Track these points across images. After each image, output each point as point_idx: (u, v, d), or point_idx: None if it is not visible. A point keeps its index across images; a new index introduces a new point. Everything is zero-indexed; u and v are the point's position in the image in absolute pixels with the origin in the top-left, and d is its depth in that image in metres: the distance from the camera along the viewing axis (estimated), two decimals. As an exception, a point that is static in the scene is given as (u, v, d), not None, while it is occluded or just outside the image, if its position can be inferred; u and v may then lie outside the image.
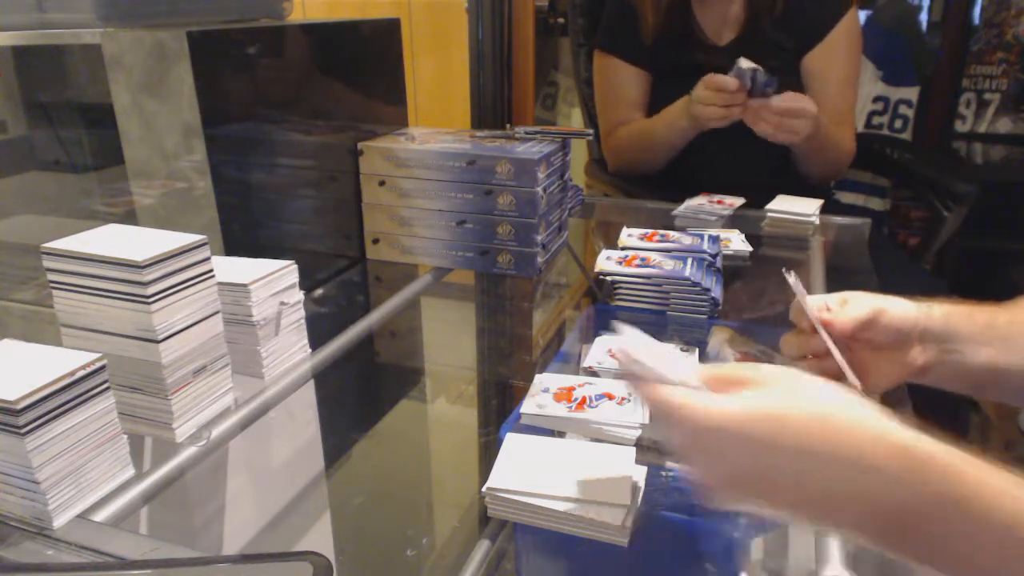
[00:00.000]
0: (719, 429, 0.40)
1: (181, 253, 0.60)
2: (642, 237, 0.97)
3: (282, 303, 0.72)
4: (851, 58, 1.29)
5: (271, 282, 0.71)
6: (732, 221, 1.16)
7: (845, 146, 1.30)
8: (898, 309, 0.58)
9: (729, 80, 1.09)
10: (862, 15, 2.03)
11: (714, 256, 0.91)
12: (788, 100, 1.09)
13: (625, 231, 1.00)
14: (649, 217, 1.24)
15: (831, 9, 1.27)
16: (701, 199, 1.22)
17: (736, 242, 1.05)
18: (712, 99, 1.12)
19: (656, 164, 1.36)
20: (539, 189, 0.95)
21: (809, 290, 0.60)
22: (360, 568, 0.61)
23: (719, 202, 1.21)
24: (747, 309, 0.96)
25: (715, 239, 0.96)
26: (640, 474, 0.54)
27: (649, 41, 1.31)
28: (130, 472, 0.57)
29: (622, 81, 1.37)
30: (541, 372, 0.69)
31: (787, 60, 1.29)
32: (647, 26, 1.31)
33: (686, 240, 0.95)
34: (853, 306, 0.58)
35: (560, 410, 0.62)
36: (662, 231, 0.99)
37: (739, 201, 1.20)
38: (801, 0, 1.26)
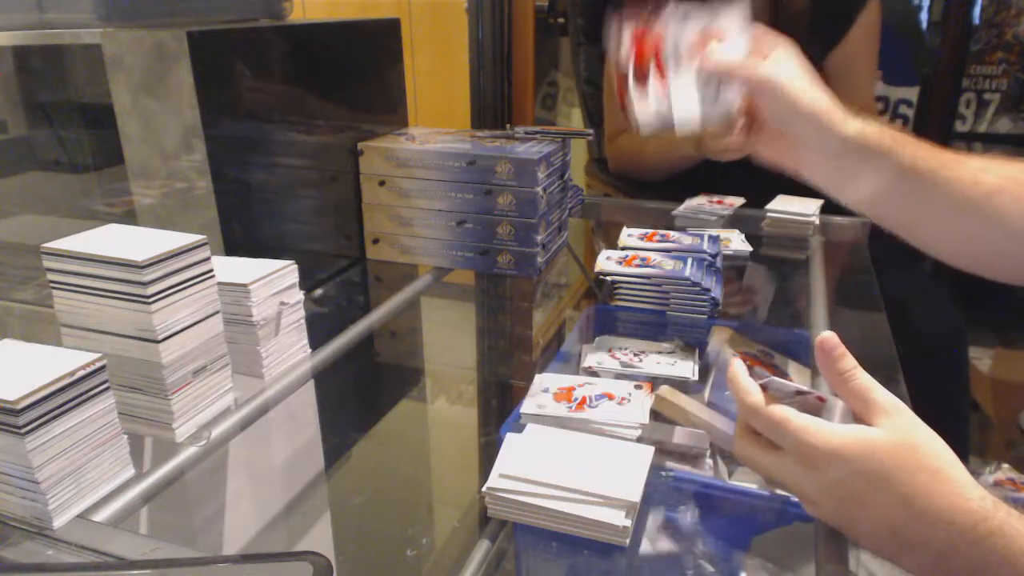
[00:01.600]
0: (835, 455, 0.44)
1: (181, 253, 0.60)
2: (642, 237, 0.97)
3: (282, 303, 0.72)
4: (871, 53, 1.28)
5: (271, 282, 0.71)
6: (732, 221, 1.16)
7: None
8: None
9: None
10: (862, 15, 2.03)
11: (714, 256, 0.91)
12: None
13: (625, 231, 1.00)
14: (649, 217, 1.24)
15: (852, 6, 1.25)
16: (701, 199, 1.22)
17: (736, 242, 1.05)
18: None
19: (656, 178, 1.36)
20: (539, 189, 0.95)
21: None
22: (360, 568, 0.61)
23: (719, 202, 1.20)
24: (747, 309, 0.96)
25: (715, 239, 0.96)
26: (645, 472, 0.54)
27: None
28: (130, 472, 0.57)
29: None
30: (541, 372, 0.69)
31: (813, 65, 1.28)
32: None
33: (686, 240, 0.95)
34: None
35: (560, 410, 0.62)
36: (662, 231, 0.99)
37: (739, 201, 1.20)
38: (820, 3, 1.25)
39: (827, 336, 0.50)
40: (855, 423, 0.47)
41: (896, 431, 0.45)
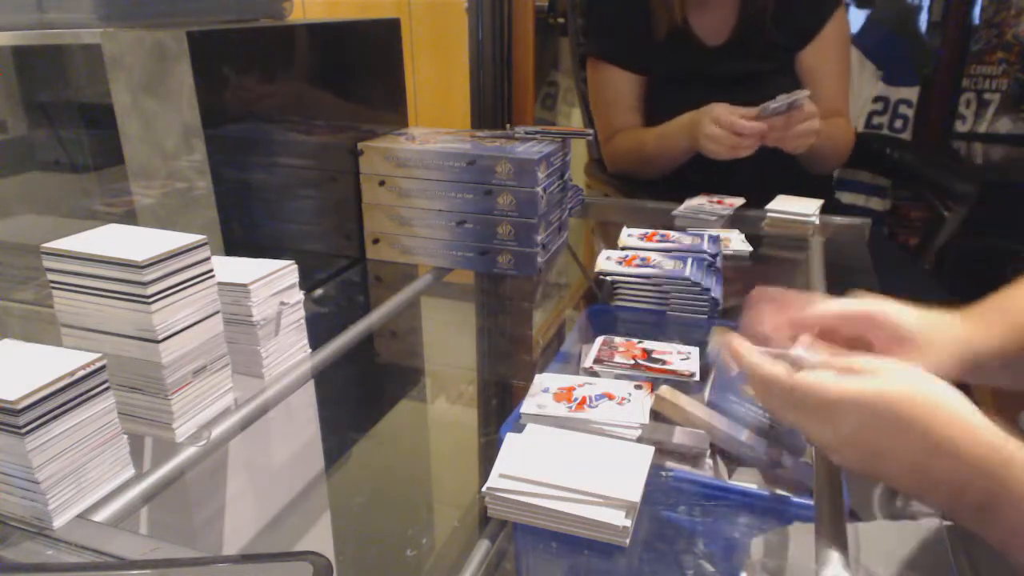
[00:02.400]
0: (851, 403, 0.47)
1: (181, 253, 0.60)
2: (642, 237, 0.97)
3: (282, 303, 0.72)
4: (843, 53, 1.33)
5: (271, 282, 0.71)
6: (732, 221, 1.16)
7: (843, 136, 1.32)
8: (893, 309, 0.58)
9: (743, 124, 1.09)
10: (862, 15, 2.03)
11: (714, 256, 0.91)
12: (802, 117, 1.10)
13: (625, 231, 1.00)
14: (649, 217, 1.24)
15: (821, 8, 1.29)
16: (701, 199, 1.22)
17: (736, 242, 1.05)
18: (723, 139, 1.12)
19: (656, 174, 1.36)
20: (539, 189, 0.95)
21: (809, 290, 0.60)
22: (360, 568, 0.61)
23: (719, 202, 1.21)
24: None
25: (715, 239, 0.96)
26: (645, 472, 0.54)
27: (659, 39, 1.31)
28: (130, 472, 0.57)
29: (617, 87, 1.37)
30: (541, 372, 0.69)
31: (781, 59, 1.30)
32: (658, 27, 1.30)
33: (686, 240, 0.95)
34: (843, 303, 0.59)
35: (560, 410, 0.63)
36: (662, 231, 0.99)
37: (739, 201, 1.20)
38: (792, 1, 1.27)
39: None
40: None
41: (905, 376, 0.47)
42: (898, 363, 0.49)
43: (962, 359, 0.56)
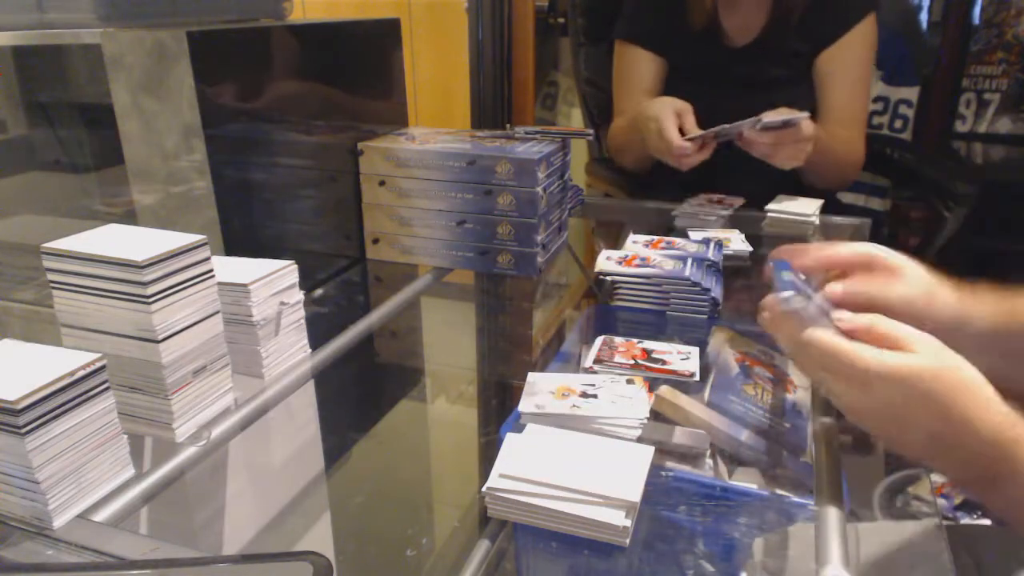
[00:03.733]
0: (888, 378, 0.50)
1: (181, 253, 0.60)
2: (647, 244, 0.97)
3: (282, 303, 0.72)
4: (864, 62, 1.27)
5: (271, 282, 0.71)
6: (732, 221, 1.16)
7: (852, 155, 1.27)
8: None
9: (679, 147, 1.08)
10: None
11: (716, 261, 0.91)
12: (793, 137, 1.08)
13: (631, 238, 0.99)
14: (649, 217, 1.24)
15: (849, 12, 1.25)
16: (701, 199, 1.22)
17: (736, 242, 1.05)
18: (665, 154, 1.11)
19: (635, 165, 1.36)
20: (539, 189, 0.95)
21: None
22: (360, 568, 0.61)
23: (719, 202, 1.21)
24: (747, 309, 0.96)
25: (720, 246, 0.96)
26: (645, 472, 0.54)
27: (690, 31, 1.30)
28: (130, 472, 0.57)
29: (638, 67, 1.35)
30: (542, 372, 0.69)
31: (802, 63, 1.28)
32: (692, 18, 1.29)
33: (691, 248, 0.95)
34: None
35: (560, 409, 0.62)
36: (668, 238, 0.99)
37: (739, 201, 1.20)
38: (823, 3, 1.25)
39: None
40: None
41: (935, 356, 0.51)
42: (930, 340, 0.52)
43: (946, 315, 0.61)
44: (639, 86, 1.35)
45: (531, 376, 0.67)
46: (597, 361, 0.73)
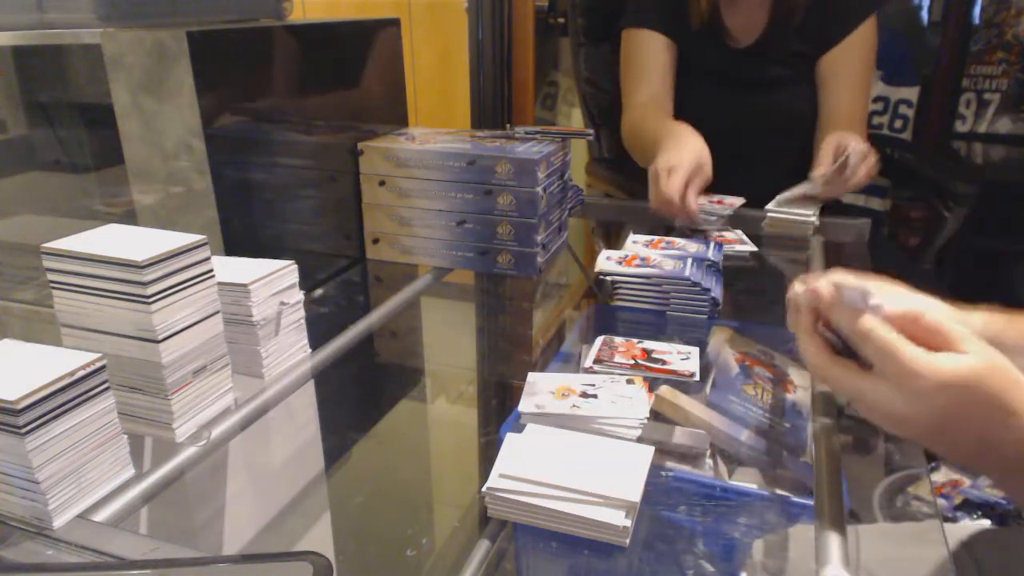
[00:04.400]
0: (942, 384, 0.48)
1: (181, 253, 0.60)
2: (647, 244, 0.97)
3: (282, 303, 0.72)
4: (865, 64, 1.28)
5: (271, 282, 0.71)
6: (732, 221, 1.16)
7: None
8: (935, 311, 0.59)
9: (671, 208, 1.03)
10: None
11: (716, 261, 0.91)
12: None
13: (631, 238, 0.99)
14: (649, 217, 1.24)
15: (851, 15, 1.26)
16: (701, 199, 1.22)
17: (739, 242, 1.05)
18: (664, 210, 1.06)
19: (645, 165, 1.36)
20: (539, 189, 0.95)
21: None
22: (360, 568, 0.61)
23: (719, 202, 1.20)
24: (747, 309, 0.96)
25: (720, 247, 0.96)
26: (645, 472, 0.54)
27: (693, 28, 1.29)
28: (130, 472, 0.57)
29: (649, 48, 1.33)
30: (542, 372, 0.69)
31: (804, 64, 1.28)
32: (691, 16, 1.28)
33: (691, 248, 0.95)
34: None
35: (560, 409, 0.62)
36: (668, 238, 0.99)
37: (739, 201, 1.20)
38: (823, 5, 1.25)
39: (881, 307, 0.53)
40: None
41: (984, 354, 0.50)
42: (975, 337, 0.51)
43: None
44: (651, 68, 1.33)
45: (531, 376, 0.67)
46: (597, 361, 0.73)
